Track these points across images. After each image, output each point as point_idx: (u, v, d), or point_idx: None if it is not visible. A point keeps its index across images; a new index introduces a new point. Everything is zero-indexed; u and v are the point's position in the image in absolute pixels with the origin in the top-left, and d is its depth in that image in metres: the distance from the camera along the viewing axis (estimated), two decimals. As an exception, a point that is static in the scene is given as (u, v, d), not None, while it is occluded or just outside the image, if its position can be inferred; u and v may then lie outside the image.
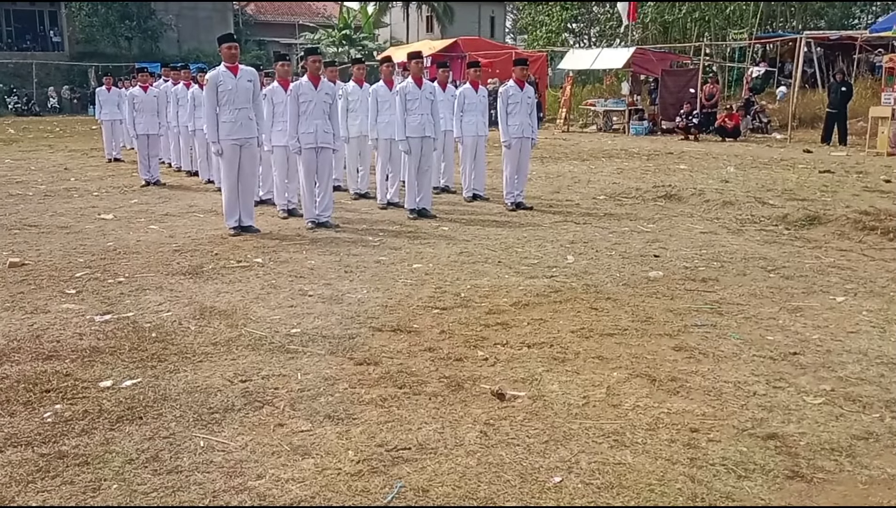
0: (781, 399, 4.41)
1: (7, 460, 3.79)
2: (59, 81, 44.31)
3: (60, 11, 45.26)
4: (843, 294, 6.57)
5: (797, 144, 20.12)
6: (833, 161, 15.75)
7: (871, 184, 12.29)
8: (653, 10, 33.95)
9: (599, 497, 3.38)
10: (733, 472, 3.59)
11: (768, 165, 15.18)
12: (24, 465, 3.73)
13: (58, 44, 46.04)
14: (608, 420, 4.17)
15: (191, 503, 3.40)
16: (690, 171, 14.63)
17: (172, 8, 46.20)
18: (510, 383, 4.72)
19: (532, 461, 3.74)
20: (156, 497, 3.45)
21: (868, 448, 3.83)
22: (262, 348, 5.39)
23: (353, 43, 46.68)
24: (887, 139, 16.89)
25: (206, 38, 47.94)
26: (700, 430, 4.03)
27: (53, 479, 3.61)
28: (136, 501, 3.41)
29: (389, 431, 4.08)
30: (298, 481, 3.58)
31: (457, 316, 6.09)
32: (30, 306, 6.42)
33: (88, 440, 4.01)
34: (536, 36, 40.70)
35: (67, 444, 3.96)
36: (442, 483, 3.54)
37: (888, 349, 5.19)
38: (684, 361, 5.05)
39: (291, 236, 9.32)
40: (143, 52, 44.35)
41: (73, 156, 20.02)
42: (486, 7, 59.41)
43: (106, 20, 42.53)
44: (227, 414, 4.31)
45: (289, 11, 55.84)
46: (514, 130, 10.90)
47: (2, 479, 3.61)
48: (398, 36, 54.09)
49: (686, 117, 22.12)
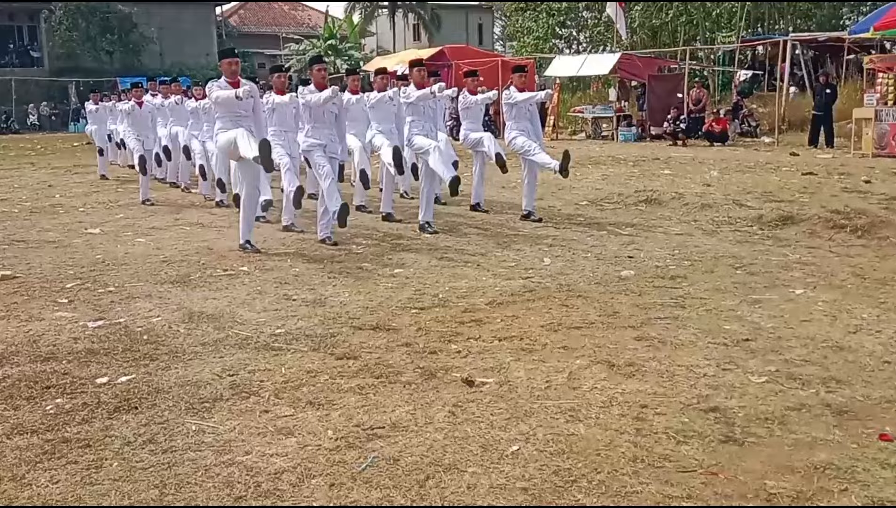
0: (728, 379, 4.95)
1: (15, 445, 4.30)
2: (38, 98, 44.60)
3: (40, 26, 45.66)
4: (803, 287, 7.13)
5: (785, 147, 20.66)
6: (817, 163, 16.30)
7: (850, 185, 12.84)
8: (640, 14, 34.60)
9: (551, 462, 3.91)
10: (673, 438, 4.13)
11: (752, 169, 15.73)
12: (31, 449, 4.24)
13: (37, 59, 46.45)
14: (566, 400, 4.70)
15: (185, 476, 3.91)
16: (674, 176, 15.18)
17: (154, 21, 46.67)
18: (480, 371, 5.25)
19: (494, 434, 4.27)
20: (153, 471, 3.96)
21: (799, 417, 4.37)
22: (249, 346, 5.91)
23: (338, 53, 47.20)
24: (871, 140, 17.46)
25: (189, 52, 48.56)
26: (649, 406, 4.57)
27: (59, 459, 4.12)
28: (136, 475, 3.92)
29: (366, 413, 4.60)
30: (282, 455, 4.10)
31: (434, 315, 6.62)
32: (24, 315, 6.92)
33: (89, 427, 4.52)
34: (524, 43, 41.33)
35: (70, 431, 4.47)
36: (411, 453, 4.06)
37: (835, 335, 5.74)
38: (644, 349, 5.59)
39: (276, 245, 9.82)
40: (125, 66, 44.75)
41: (57, 173, 20.51)
42: (474, 14, 60.23)
43: (87, 34, 42.87)
44: (216, 403, 4.82)
45: (273, 22, 56.46)
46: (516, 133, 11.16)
47: (12, 460, 4.11)
48: (385, 45, 54.74)
49: (673, 123, 22.69)
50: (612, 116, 26.03)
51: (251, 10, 58.81)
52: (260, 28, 55.75)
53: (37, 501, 3.69)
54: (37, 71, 45.74)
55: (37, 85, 44.90)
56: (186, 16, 50.11)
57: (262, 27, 56.00)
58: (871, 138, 17.50)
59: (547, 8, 39.23)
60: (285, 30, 52.73)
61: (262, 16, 58.28)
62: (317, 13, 57.05)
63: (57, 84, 44.98)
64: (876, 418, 4.33)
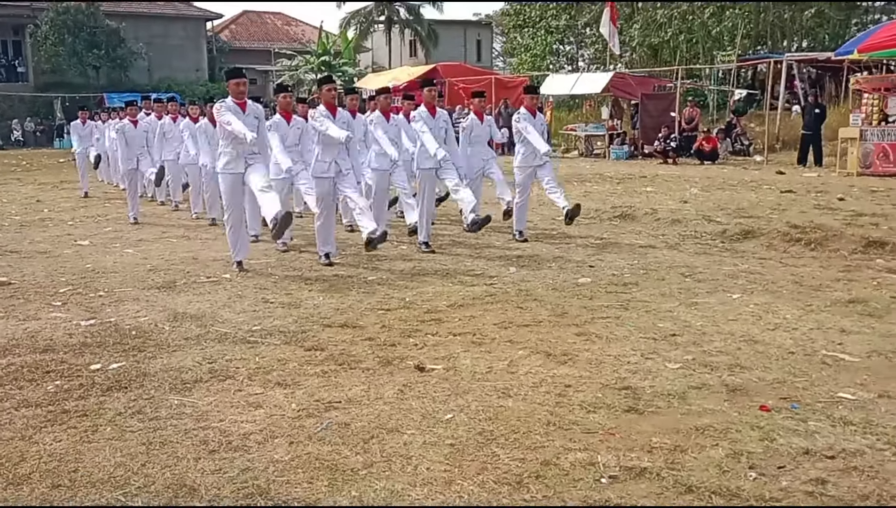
0: (647, 366, 5.90)
1: (22, 415, 5.24)
2: (22, 113, 45.55)
3: (25, 41, 46.66)
4: (741, 292, 8.10)
5: (775, 165, 21.65)
6: (800, 182, 17.27)
7: (823, 202, 13.80)
8: (640, 33, 35.71)
9: (478, 426, 4.85)
10: (585, 409, 5.08)
11: (734, 187, 16.70)
12: (36, 418, 5.18)
13: (22, 74, 47.44)
14: (502, 382, 5.66)
15: (167, 437, 4.85)
16: (655, 193, 16.16)
17: (143, 36, 47.68)
18: (431, 359, 6.20)
19: (434, 406, 5.22)
20: (141, 434, 4.90)
21: (698, 394, 5.32)
22: (227, 340, 6.86)
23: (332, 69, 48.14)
24: (857, 159, 18.45)
25: (178, 67, 49.72)
26: (572, 386, 5.52)
27: (60, 425, 5.06)
28: (126, 436, 4.86)
29: (326, 391, 5.55)
30: (251, 422, 5.04)
31: (398, 315, 7.58)
32: (22, 315, 7.87)
33: (85, 402, 5.46)
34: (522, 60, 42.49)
35: (69, 405, 5.41)
36: (361, 420, 5.01)
37: (753, 331, 6.71)
38: (581, 342, 6.55)
39: (258, 256, 10.78)
40: (112, 81, 45.75)
41: (44, 188, 21.55)
42: (472, 30, 61.48)
43: (73, 49, 43.76)
44: (196, 384, 5.77)
45: (265, 38, 57.53)
46: (524, 158, 11.52)
47: (21, 426, 5.05)
48: (381, 61, 55.83)
49: (664, 141, 23.71)
50: (605, 134, 27.04)
51: (243, 25, 59.96)
52: (252, 43, 56.78)
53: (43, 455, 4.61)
54: (21, 86, 46.72)
55: (21, 101, 45.88)
56: (176, 31, 51.30)
57: (253, 42, 57.05)
58: (857, 158, 18.48)
59: (545, 25, 40.36)
60: (278, 45, 53.70)
61: (254, 31, 59.42)
62: (310, 28, 58.03)
63: (42, 99, 45.95)
64: (763, 394, 5.27)
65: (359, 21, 54.87)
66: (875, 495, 3.89)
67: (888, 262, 9.48)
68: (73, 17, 43.61)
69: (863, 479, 4.06)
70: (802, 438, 4.56)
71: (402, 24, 55.43)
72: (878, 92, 18.80)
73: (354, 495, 4.02)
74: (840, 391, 5.29)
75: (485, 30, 62.35)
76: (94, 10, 44.42)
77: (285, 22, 62.05)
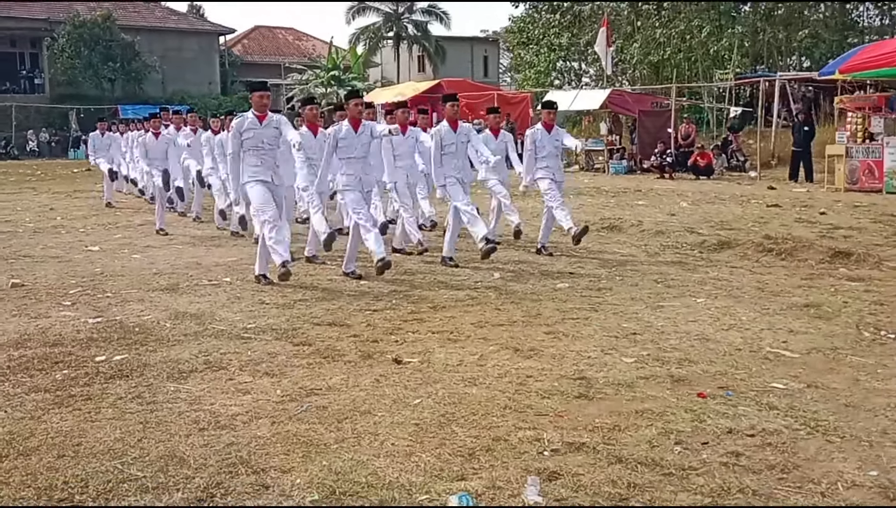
0: (604, 360, 6.40)
1: (32, 399, 5.76)
2: (38, 124, 46.33)
3: (42, 53, 47.51)
4: (705, 297, 8.60)
5: (769, 181, 22.15)
6: (788, 197, 17.75)
7: (804, 216, 14.30)
8: (639, 51, 36.27)
9: (442, 409, 5.35)
10: (540, 395, 5.58)
11: (723, 201, 17.19)
12: (44, 401, 5.70)
13: (39, 86, 48.29)
14: (470, 373, 6.16)
15: (163, 416, 5.36)
16: (646, 206, 16.66)
17: (157, 49, 48.46)
18: (409, 354, 6.71)
19: (405, 393, 5.72)
20: (139, 414, 5.41)
21: (646, 383, 5.82)
22: (223, 336, 7.38)
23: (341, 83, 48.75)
24: (843, 176, 18.94)
25: (191, 80, 50.50)
26: (533, 377, 6.02)
27: (67, 407, 5.58)
28: (126, 417, 5.37)
29: (309, 380, 6.06)
30: (238, 405, 5.55)
31: (384, 316, 8.10)
32: (33, 313, 8.40)
33: (89, 388, 5.98)
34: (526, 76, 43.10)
35: (75, 391, 5.92)
36: (338, 404, 5.52)
37: (709, 331, 7.21)
38: (549, 340, 7.05)
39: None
40: (127, 93, 46.55)
41: (58, 197, 22.15)
42: (479, 46, 62.19)
43: (89, 62, 44.52)
44: (191, 374, 6.29)
45: (276, 52, 58.37)
46: (544, 172, 11.43)
47: (31, 408, 5.57)
48: (389, 76, 56.48)
49: (660, 157, 24.24)
50: (604, 149, 27.58)
51: (255, 39, 60.88)
52: (263, 57, 57.62)
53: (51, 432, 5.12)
54: (38, 98, 47.60)
55: (37, 112, 46.70)
56: (189, 44, 52.15)
57: (265, 56, 57.90)
58: (844, 174, 18.97)
59: (548, 43, 40.96)
60: (289, 59, 54.42)
61: (266, 45, 60.32)
62: (321, 43, 58.86)
63: (57, 111, 46.74)
64: (704, 384, 5.77)
65: (368, 37, 55.64)
66: (780, 465, 4.38)
67: (850, 271, 9.96)
68: (90, 31, 44.48)
69: (774, 453, 4.55)
70: (729, 420, 5.06)
71: (411, 40, 56.17)
72: (861, 111, 19.29)
73: (324, 464, 4.51)
74: (773, 382, 5.79)
75: (492, 46, 63.06)
76: (110, 24, 45.29)
77: (296, 37, 62.94)
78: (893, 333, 7.10)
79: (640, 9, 37.31)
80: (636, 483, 4.19)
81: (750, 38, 34.37)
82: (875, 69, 18.68)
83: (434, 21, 56.15)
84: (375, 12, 55.96)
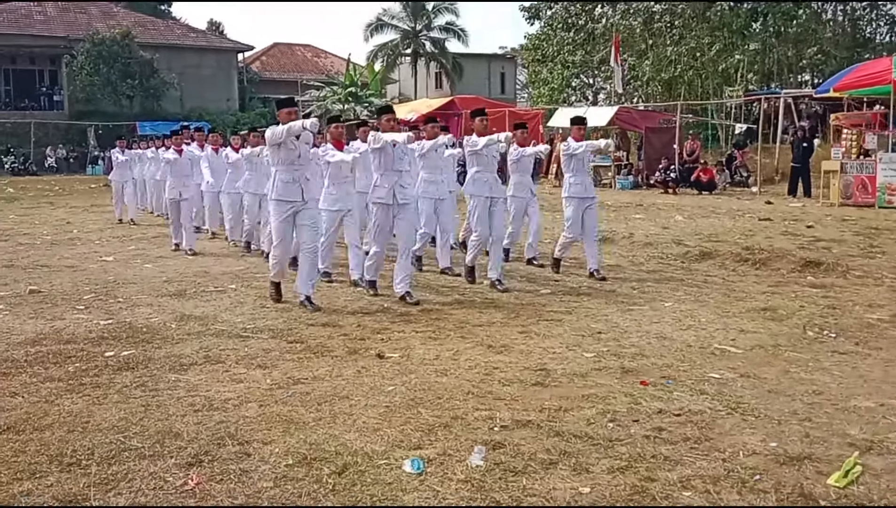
0: (567, 355, 7.09)
1: (47, 387, 6.49)
2: (57, 141, 47.31)
3: (61, 71, 48.55)
4: (674, 302, 9.27)
5: (770, 196, 22.75)
6: (782, 211, 18.37)
7: (792, 229, 14.93)
8: (650, 69, 37.01)
9: (412, 395, 6.04)
10: (502, 384, 6.27)
11: (718, 215, 17.83)
12: (57, 389, 6.42)
13: (58, 103, 49.35)
14: (444, 365, 6.85)
15: (163, 401, 6.08)
16: (642, 220, 17.33)
17: (176, 67, 49.46)
18: (391, 350, 7.41)
19: (382, 382, 6.42)
20: (142, 399, 6.12)
21: (598, 373, 6.50)
22: (223, 335, 8.10)
23: (359, 100, 49.52)
24: (838, 191, 19.56)
25: (210, 97, 51.52)
26: (499, 368, 6.71)
27: (77, 393, 6.30)
28: (130, 401, 6.09)
29: (297, 371, 6.77)
30: (231, 392, 6.26)
31: (374, 317, 8.81)
32: (49, 316, 9.15)
33: (98, 378, 6.70)
34: (540, 93, 43.89)
35: (85, 380, 6.65)
36: (320, 391, 6.21)
37: (667, 330, 7.89)
38: (521, 338, 7.74)
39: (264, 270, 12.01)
40: (145, 110, 47.53)
41: (74, 212, 23.04)
42: (497, 63, 63.07)
43: (107, 79, 45.47)
44: (191, 366, 7.00)
45: (294, 69, 59.29)
46: (576, 189, 11.17)
47: (45, 394, 6.29)
48: (407, 92, 57.30)
49: (664, 172, 24.92)
50: (611, 165, 28.27)
51: (273, 56, 61.94)
52: (282, 74, 58.55)
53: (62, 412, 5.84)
54: (56, 114, 48.63)
55: (56, 128, 47.73)
56: (208, 61, 53.18)
57: (283, 73, 58.82)
58: (838, 189, 19.59)
59: (562, 60, 41.73)
60: (307, 76, 55.22)
61: (285, 62, 61.34)
62: (339, 60, 59.77)
63: (76, 127, 47.73)
64: (650, 374, 6.45)
65: (386, 54, 56.49)
66: (695, 438, 5.06)
67: (817, 278, 10.62)
68: (108, 48, 45.43)
69: (693, 428, 5.23)
70: (662, 402, 5.74)
71: (428, 57, 56.95)
72: (856, 128, 19.93)
73: (301, 438, 5.21)
74: (712, 373, 6.47)
75: (509, 63, 63.93)
76: (129, 42, 46.25)
77: (314, 54, 63.92)
78: (835, 332, 7.76)
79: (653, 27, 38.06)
80: (567, 451, 4.88)
81: (760, 55, 35.00)
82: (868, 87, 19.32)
83: (451, 38, 57.05)
84: (393, 30, 56.82)
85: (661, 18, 37.63)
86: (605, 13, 40.73)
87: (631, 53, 38.99)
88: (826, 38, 35.95)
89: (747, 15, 34.68)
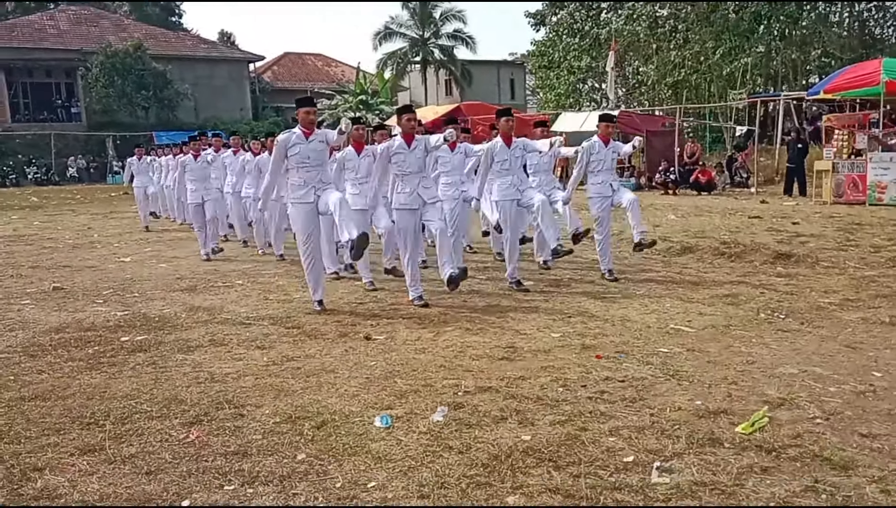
0: (536, 335, 7.85)
1: (69, 365, 7.29)
2: (76, 151, 48.37)
3: (77, 83, 49.56)
4: (645, 290, 10.01)
5: (766, 196, 23.37)
6: (774, 210, 18.97)
7: (777, 226, 15.58)
8: (656, 73, 37.67)
9: (391, 368, 6.82)
10: (472, 359, 7.03)
11: (711, 214, 18.46)
12: (79, 367, 7.22)
13: (76, 114, 50.38)
14: (423, 345, 7.62)
15: (170, 375, 6.87)
16: (637, 219, 17.99)
17: (189, 77, 50.41)
18: (378, 333, 8.18)
19: (366, 359, 7.19)
20: (152, 374, 6.92)
21: (561, 349, 7.25)
22: (228, 323, 8.89)
23: (369, 108, 50.30)
24: (830, 190, 20.21)
25: (223, 106, 52.47)
26: (472, 346, 7.47)
27: (95, 370, 7.10)
28: (141, 376, 6.88)
29: (292, 351, 7.55)
30: (231, 368, 7.04)
31: (367, 307, 9.58)
32: (71, 309, 9.97)
33: (114, 358, 7.50)
34: (547, 98, 44.59)
35: (103, 360, 7.45)
36: (310, 366, 6.99)
37: (632, 314, 8.63)
38: (498, 321, 8.50)
39: (269, 266, 12.83)
40: (161, 120, 48.51)
41: (95, 218, 23.96)
42: (506, 69, 63.79)
43: (122, 91, 46.42)
44: (197, 348, 7.80)
45: (306, 78, 60.16)
46: (598, 188, 11.20)
47: (67, 371, 7.09)
48: (417, 99, 57.98)
49: (664, 174, 25.62)
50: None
51: (284, 66, 62.90)
52: (293, 83, 59.34)
53: (83, 385, 6.63)
54: (75, 126, 49.64)
55: (75, 139, 48.73)
56: (220, 72, 54.14)
57: (295, 82, 59.64)
58: (830, 188, 20.24)
59: (568, 66, 42.39)
60: (318, 85, 56.02)
61: (296, 72, 62.28)
62: (349, 69, 60.64)
63: (95, 138, 48.76)
64: (605, 349, 7.20)
65: (395, 62, 57.14)
66: (631, 398, 5.82)
67: (785, 269, 11.32)
68: (122, 61, 46.34)
69: (632, 391, 5.98)
70: (611, 372, 6.50)
71: (437, 65, 57.64)
72: (847, 129, 20.59)
73: (289, 402, 5.99)
74: (661, 348, 7.21)
75: (518, 69, 64.59)
76: (141, 54, 47.19)
77: (325, 63, 64.82)
78: (784, 314, 8.49)
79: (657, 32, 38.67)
80: (518, 410, 5.64)
81: (766, 58, 35.58)
82: (858, 88, 19.98)
83: (460, 45, 57.73)
84: (402, 38, 57.49)
85: (666, 22, 38.25)
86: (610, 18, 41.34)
87: (636, 57, 39.63)
88: (832, 40, 36.44)
89: (751, 18, 35.23)
